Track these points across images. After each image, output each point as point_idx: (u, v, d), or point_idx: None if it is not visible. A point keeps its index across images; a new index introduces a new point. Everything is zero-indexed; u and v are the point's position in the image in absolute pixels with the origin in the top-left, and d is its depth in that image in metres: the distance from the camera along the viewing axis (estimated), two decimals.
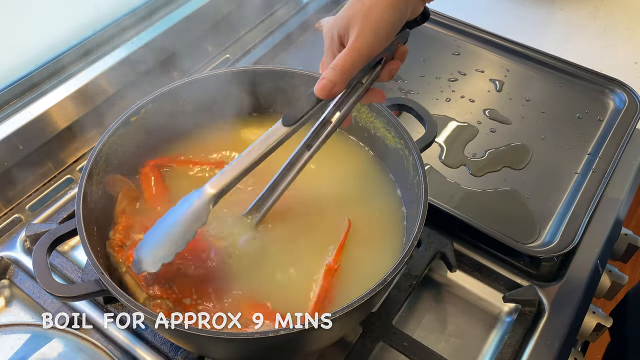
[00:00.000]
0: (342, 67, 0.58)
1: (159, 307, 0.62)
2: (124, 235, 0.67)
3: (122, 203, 0.71)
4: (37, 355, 0.67)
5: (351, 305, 0.56)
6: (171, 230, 0.62)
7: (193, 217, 0.61)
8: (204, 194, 0.62)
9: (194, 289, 0.64)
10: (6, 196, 0.88)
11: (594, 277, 0.82)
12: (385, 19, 0.57)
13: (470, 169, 0.92)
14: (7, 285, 0.80)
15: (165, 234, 0.62)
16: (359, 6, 0.57)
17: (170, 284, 0.64)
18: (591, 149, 0.94)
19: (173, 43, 1.05)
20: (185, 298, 0.63)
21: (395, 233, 0.74)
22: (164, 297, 0.63)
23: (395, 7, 0.57)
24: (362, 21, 0.57)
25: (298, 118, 0.62)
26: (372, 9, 0.56)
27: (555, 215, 0.85)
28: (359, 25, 0.57)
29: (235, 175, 0.62)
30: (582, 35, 1.21)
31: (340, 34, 0.59)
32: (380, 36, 0.57)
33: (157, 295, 0.63)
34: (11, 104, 0.92)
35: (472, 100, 1.02)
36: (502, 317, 0.78)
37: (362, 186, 0.79)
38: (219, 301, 0.64)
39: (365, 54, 0.58)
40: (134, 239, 0.68)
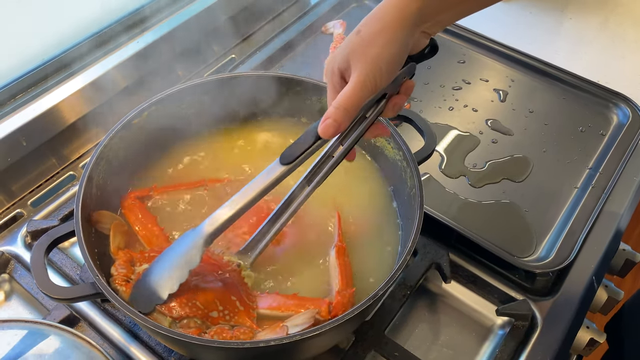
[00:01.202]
0: (345, 106, 0.56)
1: (187, 327, 0.62)
2: (127, 270, 0.66)
3: (115, 239, 0.69)
4: (34, 351, 0.68)
5: (341, 318, 0.57)
6: (164, 275, 0.62)
7: (186, 259, 0.61)
8: (198, 235, 0.62)
9: (217, 301, 0.64)
10: (9, 191, 0.89)
11: (588, 293, 0.82)
12: (386, 54, 0.55)
13: (470, 179, 0.92)
14: (7, 280, 0.81)
15: (159, 278, 0.62)
16: (358, 41, 0.56)
17: (192, 301, 0.63)
18: (592, 164, 0.94)
19: (178, 42, 1.05)
20: (212, 311, 0.63)
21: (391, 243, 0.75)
22: (190, 316, 0.62)
23: (395, 42, 0.55)
24: (362, 57, 0.55)
25: (296, 156, 0.60)
26: (372, 45, 0.55)
27: (552, 229, 0.86)
28: (359, 61, 0.56)
29: (230, 215, 0.61)
30: (590, 45, 1.21)
31: (341, 68, 0.58)
32: (382, 72, 0.56)
33: (182, 316, 0.62)
34: (16, 100, 0.93)
35: (475, 110, 1.02)
36: (495, 330, 0.79)
37: (359, 193, 0.79)
38: (246, 309, 0.65)
39: (368, 91, 0.56)
40: (138, 270, 0.67)
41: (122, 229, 0.70)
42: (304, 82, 0.80)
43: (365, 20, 0.57)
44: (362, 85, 0.56)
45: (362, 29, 0.57)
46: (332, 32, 1.13)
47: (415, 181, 0.68)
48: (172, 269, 0.62)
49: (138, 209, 0.74)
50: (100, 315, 0.75)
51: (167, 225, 0.74)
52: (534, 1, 1.31)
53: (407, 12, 0.55)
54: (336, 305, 0.64)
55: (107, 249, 0.70)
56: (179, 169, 0.80)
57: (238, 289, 0.65)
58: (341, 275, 0.68)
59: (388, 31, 0.55)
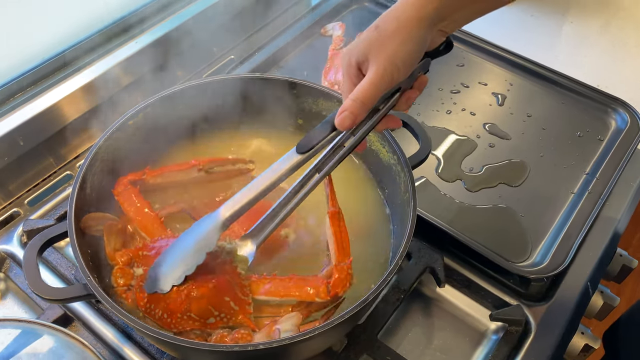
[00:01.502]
0: (362, 99, 0.58)
1: (188, 337, 0.62)
2: (126, 278, 0.66)
3: (110, 241, 0.68)
4: (27, 350, 0.68)
5: (330, 323, 0.57)
6: (183, 255, 0.64)
7: (204, 242, 0.63)
8: (215, 219, 0.63)
9: (211, 307, 0.64)
10: (6, 190, 0.89)
11: (583, 299, 0.82)
12: (403, 50, 0.56)
13: (466, 183, 0.92)
14: (3, 279, 0.82)
15: (177, 258, 0.64)
16: (376, 36, 0.57)
17: (187, 314, 0.63)
18: (589, 169, 0.94)
19: (178, 43, 1.05)
20: (209, 318, 0.63)
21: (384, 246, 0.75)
22: (187, 330, 0.63)
23: (413, 39, 0.56)
24: (380, 52, 0.57)
25: (312, 145, 0.62)
26: (390, 40, 0.56)
27: (548, 235, 0.85)
28: (377, 55, 0.57)
29: (246, 201, 0.63)
30: (591, 49, 1.20)
31: (358, 61, 0.59)
32: (399, 67, 0.57)
33: (181, 330, 0.63)
34: (15, 99, 0.93)
35: (473, 114, 1.02)
36: (488, 335, 0.78)
37: (353, 195, 0.79)
38: (242, 307, 0.65)
39: (385, 85, 0.58)
40: (137, 274, 0.67)
41: (115, 229, 0.70)
42: (300, 85, 0.80)
43: (383, 17, 0.58)
44: (379, 80, 0.57)
45: (380, 24, 0.58)
46: (331, 34, 1.13)
47: (409, 185, 0.68)
48: (190, 253, 0.63)
49: (132, 193, 0.73)
50: (94, 315, 0.76)
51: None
52: (536, 4, 1.30)
53: (424, 12, 0.56)
54: (334, 284, 0.64)
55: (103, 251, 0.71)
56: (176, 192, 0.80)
57: (231, 285, 0.65)
58: (337, 245, 0.67)
59: (405, 29, 0.56)
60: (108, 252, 0.68)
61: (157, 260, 0.65)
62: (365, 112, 0.59)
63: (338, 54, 1.05)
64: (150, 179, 0.75)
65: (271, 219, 0.66)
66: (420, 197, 0.88)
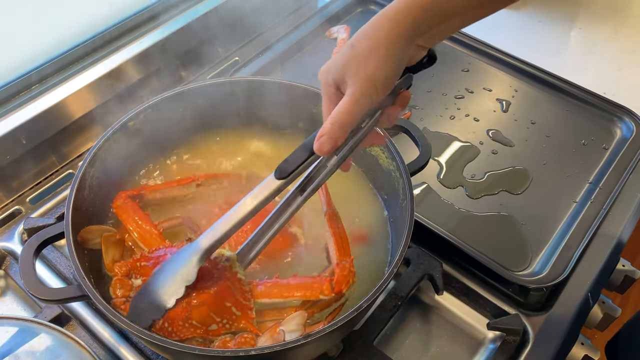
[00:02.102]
0: (341, 122, 0.55)
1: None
2: (125, 289, 0.65)
3: (108, 253, 0.68)
4: (24, 348, 0.68)
5: (325, 329, 0.56)
6: (159, 292, 0.62)
7: (181, 275, 0.62)
8: (193, 252, 0.61)
9: (213, 313, 0.63)
10: (8, 187, 0.90)
11: (583, 309, 0.81)
12: (381, 70, 0.54)
13: (468, 190, 0.91)
14: (3, 276, 0.82)
15: (153, 295, 0.63)
16: (352, 55, 0.55)
17: (188, 322, 0.62)
18: (593, 178, 0.93)
19: (182, 44, 1.06)
20: (210, 325, 0.63)
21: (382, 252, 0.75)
22: (189, 337, 0.62)
23: (390, 57, 0.54)
24: (356, 72, 0.55)
25: (291, 171, 0.59)
26: (366, 60, 0.54)
27: (548, 244, 0.85)
28: (354, 76, 0.55)
29: (226, 229, 0.61)
30: (599, 56, 1.19)
31: (336, 80, 0.57)
32: (377, 87, 0.55)
33: (183, 338, 0.62)
34: (18, 97, 0.93)
35: (476, 120, 1.02)
36: (486, 343, 0.78)
37: (351, 202, 0.79)
38: (244, 312, 0.64)
39: (364, 107, 0.55)
40: (136, 285, 0.66)
41: (113, 240, 0.69)
42: (301, 89, 0.80)
43: (359, 34, 0.56)
44: (357, 101, 0.55)
45: (355, 43, 0.56)
46: (336, 37, 1.13)
47: (407, 193, 0.68)
48: (168, 285, 0.62)
49: (130, 208, 0.73)
50: (91, 315, 0.76)
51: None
52: (544, 10, 1.29)
53: (400, 28, 0.54)
54: (338, 280, 0.64)
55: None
56: (173, 173, 0.81)
57: (232, 291, 0.64)
58: (337, 245, 0.67)
59: (381, 48, 0.54)
60: (107, 263, 0.68)
61: (135, 296, 0.64)
62: (344, 136, 0.56)
63: None
64: (149, 194, 0.76)
65: (256, 242, 0.66)
66: (421, 203, 0.89)
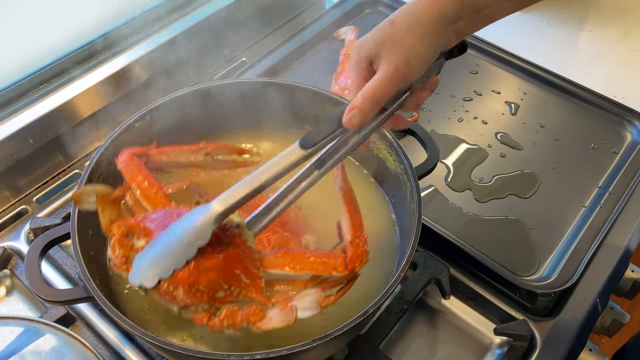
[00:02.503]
0: (373, 97, 0.56)
1: (195, 313, 0.59)
2: (125, 249, 0.62)
3: (104, 213, 0.64)
4: (29, 348, 0.68)
5: (331, 334, 0.56)
6: (171, 249, 0.59)
7: (195, 235, 0.59)
8: (209, 212, 0.59)
9: (221, 279, 0.60)
10: (15, 187, 0.90)
11: (592, 315, 0.80)
12: (417, 50, 0.55)
13: (475, 193, 0.90)
14: (9, 276, 0.82)
15: (165, 252, 0.59)
16: (391, 31, 0.55)
17: (195, 287, 0.59)
18: (602, 183, 0.92)
19: (189, 44, 1.05)
20: (218, 292, 0.60)
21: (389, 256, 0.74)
22: (195, 303, 0.59)
23: (428, 39, 0.55)
24: (394, 49, 0.55)
25: (317, 141, 0.59)
26: (405, 37, 0.54)
27: (557, 249, 0.84)
28: (391, 52, 0.55)
29: (243, 194, 0.59)
30: (608, 59, 1.18)
31: (370, 56, 0.57)
32: (413, 66, 0.55)
33: (188, 304, 0.59)
34: (26, 97, 0.94)
35: (485, 122, 1.01)
36: (493, 349, 0.77)
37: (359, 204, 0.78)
38: (253, 281, 0.61)
39: (397, 84, 0.56)
40: (137, 247, 0.62)
41: (108, 199, 0.65)
42: (308, 90, 0.79)
43: (400, 12, 0.56)
44: (392, 78, 0.55)
45: (396, 20, 0.56)
46: (344, 38, 1.13)
47: (415, 197, 0.67)
48: (180, 246, 0.59)
49: (136, 165, 0.69)
50: (96, 316, 0.76)
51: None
52: (553, 12, 1.28)
53: (443, 10, 0.54)
54: (351, 258, 0.62)
55: (105, 248, 0.70)
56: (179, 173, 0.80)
57: (241, 258, 0.61)
58: (351, 222, 0.65)
59: (421, 27, 0.54)
60: (103, 224, 0.64)
61: (142, 252, 0.61)
62: (374, 111, 0.57)
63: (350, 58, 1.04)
64: (155, 155, 0.72)
65: (266, 214, 0.64)
66: (428, 206, 0.88)
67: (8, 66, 0.92)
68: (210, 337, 0.66)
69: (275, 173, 0.59)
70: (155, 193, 0.68)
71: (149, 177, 0.69)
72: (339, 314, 0.65)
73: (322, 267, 0.62)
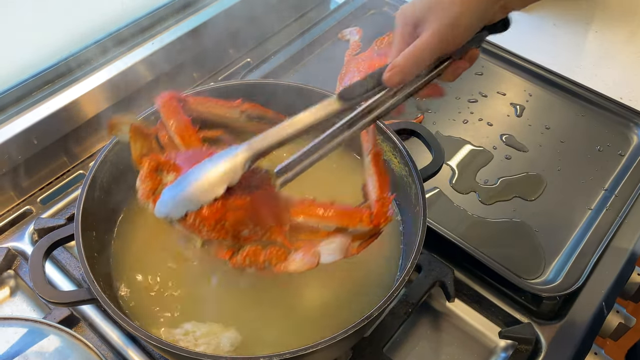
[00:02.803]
0: (415, 58, 0.56)
1: (219, 248, 0.60)
2: (153, 182, 0.62)
3: (136, 145, 0.64)
4: (33, 349, 0.69)
5: (334, 337, 0.56)
6: (201, 185, 0.60)
7: (225, 175, 0.59)
8: (240, 154, 0.60)
9: (248, 219, 0.60)
10: (19, 187, 0.90)
11: (597, 319, 0.79)
12: (464, 18, 0.55)
13: (480, 196, 0.90)
14: (13, 276, 0.82)
15: (194, 187, 0.60)
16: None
17: (221, 223, 0.59)
18: (608, 185, 0.91)
19: (194, 45, 1.05)
20: (242, 231, 0.60)
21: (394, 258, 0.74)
22: (219, 238, 0.60)
23: (477, 8, 0.55)
24: (441, 14, 0.55)
25: (355, 96, 0.60)
26: (453, 6, 0.55)
27: (562, 252, 0.83)
28: (437, 18, 0.55)
29: (276, 140, 0.60)
30: (614, 60, 1.17)
31: (415, 20, 0.58)
32: (458, 33, 0.56)
33: (212, 238, 0.60)
34: (30, 97, 0.94)
35: (490, 124, 1.00)
36: (497, 352, 0.77)
37: None
38: (278, 224, 0.62)
39: (440, 49, 0.56)
40: (165, 181, 0.63)
41: (142, 132, 0.66)
42: (313, 92, 0.79)
43: None
44: (436, 42, 0.56)
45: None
46: (348, 39, 1.12)
47: (420, 199, 0.67)
48: (209, 183, 0.60)
49: (174, 107, 0.71)
50: (100, 317, 0.76)
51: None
52: (558, 13, 1.28)
53: None
54: (377, 214, 0.63)
55: (109, 249, 0.71)
56: None
57: (268, 202, 0.62)
58: (379, 182, 0.66)
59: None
60: (134, 155, 0.65)
61: (171, 186, 0.62)
62: (415, 72, 0.57)
63: (354, 59, 1.04)
64: (193, 103, 0.73)
65: (294, 166, 0.63)
66: (433, 208, 0.88)
67: (12, 67, 0.92)
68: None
69: (310, 122, 0.60)
70: (189, 134, 0.69)
71: (185, 119, 0.70)
72: (343, 316, 0.66)
73: (347, 219, 0.63)
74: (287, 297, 0.70)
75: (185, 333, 0.64)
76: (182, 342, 0.62)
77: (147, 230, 0.75)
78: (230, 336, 0.64)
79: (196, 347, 0.62)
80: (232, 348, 0.63)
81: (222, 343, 0.63)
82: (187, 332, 0.64)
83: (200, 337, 0.63)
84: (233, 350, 0.63)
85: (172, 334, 0.64)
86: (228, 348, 0.62)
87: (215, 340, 0.63)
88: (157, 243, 0.73)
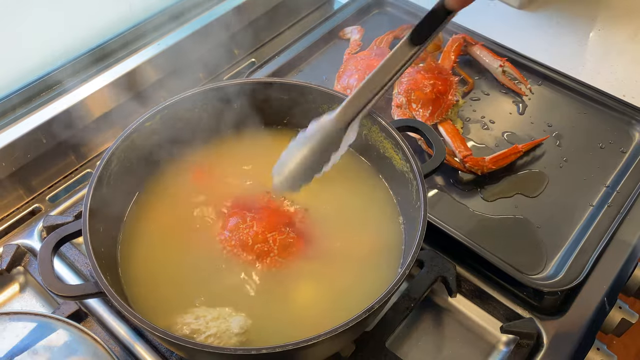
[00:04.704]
0: None
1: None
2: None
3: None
4: (42, 343, 0.70)
5: (336, 329, 0.57)
6: (307, 159, 0.65)
7: (327, 144, 0.64)
8: (334, 121, 0.64)
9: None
10: (29, 186, 0.92)
11: (599, 314, 0.80)
12: None
13: (483, 193, 0.91)
14: (22, 272, 0.84)
15: (301, 162, 0.66)
16: None
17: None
18: (610, 182, 0.92)
19: (200, 45, 1.07)
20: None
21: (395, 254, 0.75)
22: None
23: None
24: None
25: (427, 36, 0.60)
26: None
27: (564, 247, 0.84)
28: None
29: (364, 102, 0.63)
30: (618, 58, 1.18)
31: None
32: None
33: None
34: (39, 97, 0.95)
35: (492, 122, 1.01)
36: (499, 347, 0.78)
37: (365, 203, 0.79)
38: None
39: None
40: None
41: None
42: (315, 90, 0.80)
43: None
44: None
45: None
46: (349, 38, 1.13)
47: (421, 195, 0.68)
48: (314, 155, 0.65)
49: (458, 45, 1.04)
50: (107, 312, 0.77)
51: None
52: (561, 11, 1.28)
53: None
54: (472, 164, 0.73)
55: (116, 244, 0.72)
56: (190, 172, 0.81)
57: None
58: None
59: None
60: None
61: (282, 161, 0.68)
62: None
63: (353, 58, 1.05)
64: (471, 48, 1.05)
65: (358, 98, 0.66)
66: (435, 205, 0.89)
67: (22, 67, 0.94)
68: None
69: (391, 74, 0.62)
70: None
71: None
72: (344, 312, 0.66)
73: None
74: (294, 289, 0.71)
75: (196, 317, 0.65)
76: (193, 325, 0.64)
77: (153, 225, 0.76)
78: (239, 319, 0.65)
79: (207, 329, 0.64)
80: (241, 331, 0.64)
81: (232, 326, 0.64)
82: (197, 316, 0.65)
83: (211, 321, 0.65)
84: (242, 332, 0.64)
85: (183, 318, 0.65)
86: (238, 330, 0.64)
87: (225, 324, 0.65)
88: (163, 238, 0.75)
